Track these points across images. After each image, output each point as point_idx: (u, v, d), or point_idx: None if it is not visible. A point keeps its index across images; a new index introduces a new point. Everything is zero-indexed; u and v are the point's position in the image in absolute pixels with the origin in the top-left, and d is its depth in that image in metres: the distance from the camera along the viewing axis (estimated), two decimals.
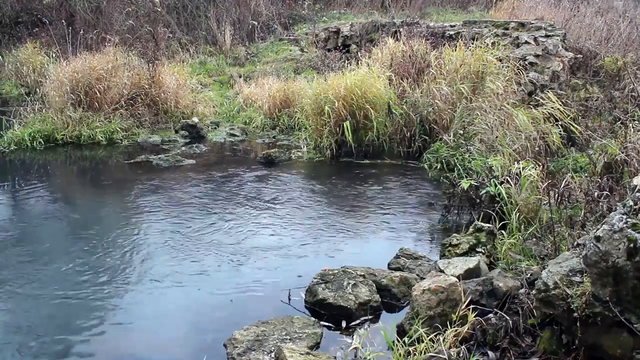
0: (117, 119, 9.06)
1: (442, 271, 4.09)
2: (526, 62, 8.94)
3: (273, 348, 3.36)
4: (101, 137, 8.72)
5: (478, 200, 5.31)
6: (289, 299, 4.07)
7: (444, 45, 8.89)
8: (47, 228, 5.56)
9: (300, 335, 3.51)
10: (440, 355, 3.06)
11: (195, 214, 5.80)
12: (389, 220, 5.68)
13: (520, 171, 5.01)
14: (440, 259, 4.55)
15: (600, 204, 4.32)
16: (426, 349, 3.18)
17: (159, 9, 13.20)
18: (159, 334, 3.72)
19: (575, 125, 6.95)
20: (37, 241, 5.13)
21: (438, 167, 7.07)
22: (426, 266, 4.45)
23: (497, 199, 5.00)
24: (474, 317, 3.38)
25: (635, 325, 2.67)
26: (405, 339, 3.37)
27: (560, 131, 6.97)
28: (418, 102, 8.08)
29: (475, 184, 5.36)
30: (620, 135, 5.68)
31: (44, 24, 14.37)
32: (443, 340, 3.21)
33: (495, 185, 5.06)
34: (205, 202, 6.19)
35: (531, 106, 7.57)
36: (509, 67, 8.19)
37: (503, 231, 4.67)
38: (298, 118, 9.14)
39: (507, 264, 4.26)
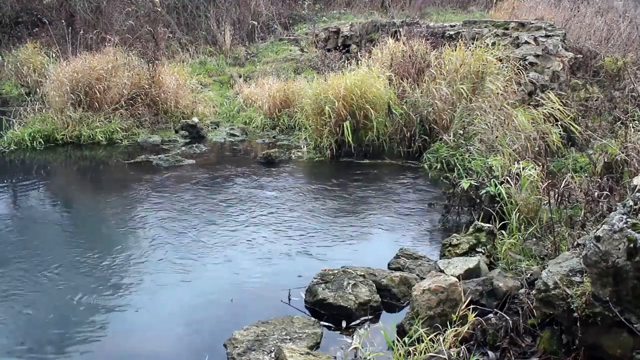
0: (117, 119, 9.05)
1: (442, 271, 4.10)
2: (526, 62, 8.93)
3: (273, 348, 3.36)
4: (101, 137, 8.71)
5: (478, 200, 5.31)
6: (289, 299, 4.07)
7: (444, 45, 8.88)
8: (46, 228, 5.56)
9: (300, 335, 3.51)
10: (440, 355, 3.06)
11: (196, 213, 5.80)
12: (389, 220, 5.68)
13: (520, 171, 5.01)
14: (440, 259, 4.55)
15: (600, 204, 4.32)
16: (426, 349, 3.19)
17: (159, 9, 13.19)
18: (159, 334, 3.72)
19: (575, 125, 6.96)
20: (36, 241, 5.13)
21: (438, 167, 7.07)
22: (426, 266, 4.45)
23: (497, 199, 5.00)
24: (474, 317, 3.38)
25: (635, 325, 2.67)
26: (405, 339, 3.37)
27: (560, 131, 6.97)
28: (418, 102, 8.08)
29: (475, 184, 5.37)
30: (620, 135, 5.68)
31: (44, 24, 14.35)
32: (443, 340, 3.22)
33: (495, 185, 5.06)
34: (205, 202, 6.19)
35: (531, 106, 7.57)
36: (509, 67, 8.18)
37: (503, 231, 4.68)
38: (298, 118, 9.14)
39: (507, 264, 4.26)
